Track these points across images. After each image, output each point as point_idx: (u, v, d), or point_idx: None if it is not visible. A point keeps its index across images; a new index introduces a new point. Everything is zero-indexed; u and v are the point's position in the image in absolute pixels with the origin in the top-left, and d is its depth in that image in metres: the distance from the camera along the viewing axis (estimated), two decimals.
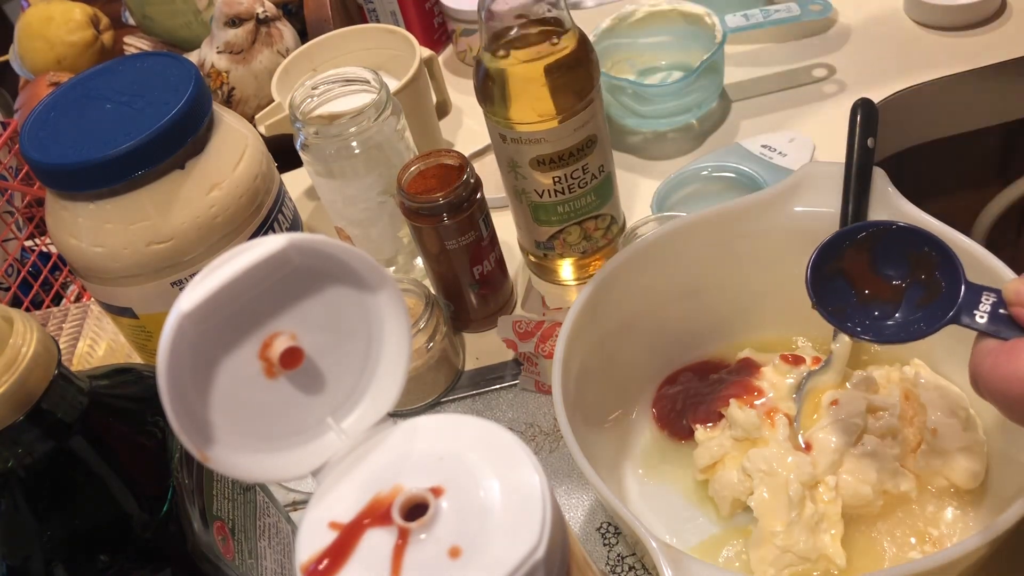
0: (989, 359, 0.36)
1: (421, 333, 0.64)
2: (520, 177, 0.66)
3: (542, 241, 0.70)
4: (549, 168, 0.64)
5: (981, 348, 0.37)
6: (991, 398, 0.36)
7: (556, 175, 0.65)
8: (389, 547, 0.27)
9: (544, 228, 0.69)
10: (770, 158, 0.75)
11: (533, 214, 0.68)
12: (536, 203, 0.67)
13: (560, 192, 0.66)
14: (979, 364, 0.37)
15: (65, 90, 0.59)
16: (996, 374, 0.35)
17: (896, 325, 0.42)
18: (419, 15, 0.97)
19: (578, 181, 0.65)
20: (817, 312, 0.44)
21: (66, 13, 1.06)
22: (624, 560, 0.56)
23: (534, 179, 0.65)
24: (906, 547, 0.49)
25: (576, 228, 0.69)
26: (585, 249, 0.70)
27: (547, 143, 0.63)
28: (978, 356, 0.37)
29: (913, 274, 0.42)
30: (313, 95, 0.69)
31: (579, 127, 0.63)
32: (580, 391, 0.52)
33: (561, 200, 0.66)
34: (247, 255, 0.28)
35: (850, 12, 0.88)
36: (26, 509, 0.38)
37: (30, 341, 0.36)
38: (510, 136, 0.63)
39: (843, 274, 0.44)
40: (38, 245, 0.86)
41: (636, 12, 0.84)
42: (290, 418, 0.31)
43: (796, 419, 0.52)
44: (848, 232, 0.44)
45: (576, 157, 0.64)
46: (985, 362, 0.36)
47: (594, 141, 0.64)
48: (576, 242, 0.69)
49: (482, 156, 0.84)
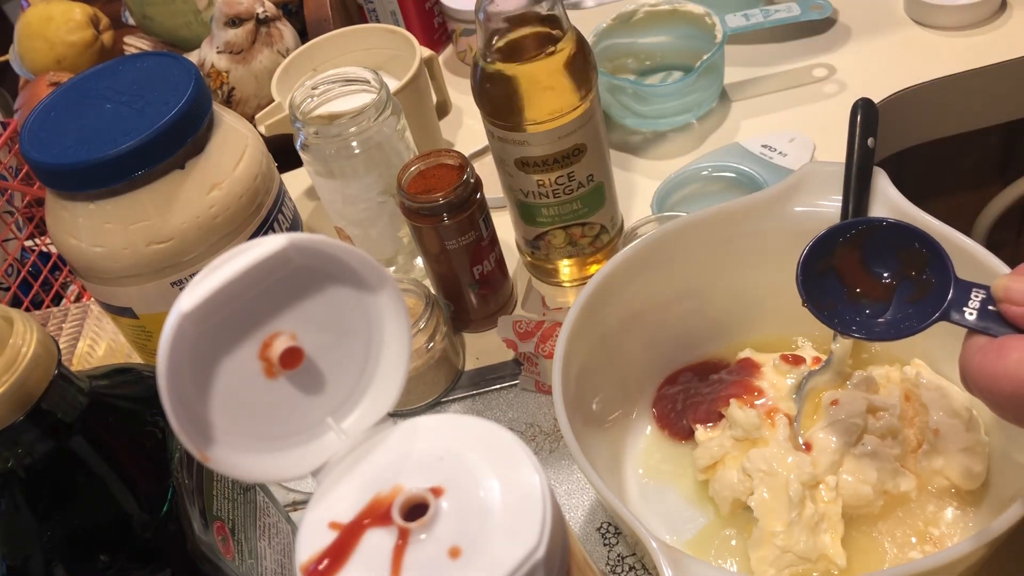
0: (978, 356, 0.36)
1: (421, 333, 0.64)
2: (507, 175, 0.66)
3: (530, 240, 0.70)
4: (532, 171, 0.64)
5: (971, 345, 0.37)
6: (980, 395, 0.36)
7: (539, 179, 0.65)
8: (389, 547, 0.27)
9: (530, 227, 0.69)
10: (770, 158, 0.75)
11: (520, 212, 0.69)
12: (522, 202, 0.67)
13: (544, 196, 0.66)
14: (968, 361, 0.37)
15: (65, 90, 0.59)
16: (984, 371, 0.35)
17: (887, 323, 0.42)
18: (419, 15, 0.97)
19: (563, 187, 0.65)
20: (807, 309, 0.44)
21: (66, 13, 1.06)
22: (624, 560, 0.56)
23: (519, 179, 0.65)
24: (906, 547, 0.49)
25: (561, 232, 0.69)
26: (571, 253, 0.70)
27: (530, 146, 0.63)
28: (968, 353, 0.37)
29: (903, 271, 0.42)
30: (313, 95, 0.69)
31: (564, 135, 0.62)
32: (580, 391, 0.52)
33: (545, 203, 0.66)
34: (247, 255, 0.28)
35: (850, 12, 0.88)
36: (26, 509, 0.38)
37: (30, 341, 0.36)
38: (496, 134, 0.64)
39: (834, 271, 0.44)
40: (38, 245, 0.86)
41: (636, 12, 0.84)
42: (290, 418, 0.31)
43: (796, 419, 0.52)
44: (838, 229, 0.44)
45: (561, 164, 0.64)
46: (974, 359, 0.36)
47: (582, 150, 0.64)
48: (561, 245, 0.70)
49: (482, 156, 0.84)
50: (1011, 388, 0.34)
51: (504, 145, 0.64)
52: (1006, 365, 0.35)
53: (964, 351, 0.37)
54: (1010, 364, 0.34)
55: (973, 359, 0.36)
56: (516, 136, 0.62)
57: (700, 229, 0.57)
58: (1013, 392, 0.34)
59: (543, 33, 0.60)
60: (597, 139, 0.65)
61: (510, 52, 0.61)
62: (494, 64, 0.61)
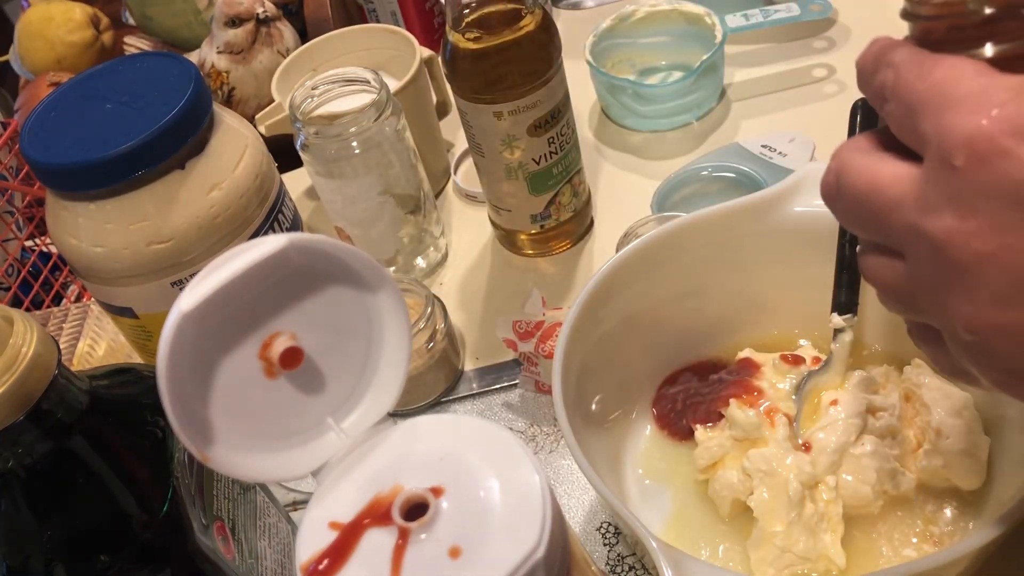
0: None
1: (421, 333, 0.64)
2: (511, 153, 0.68)
3: (540, 212, 0.72)
4: (545, 129, 0.67)
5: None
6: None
7: (550, 135, 0.68)
8: (389, 547, 0.27)
9: (542, 197, 0.71)
10: (770, 158, 0.75)
11: (531, 186, 0.70)
12: (533, 173, 0.69)
13: (554, 152, 0.69)
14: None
15: (65, 90, 0.59)
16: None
17: None
18: (419, 15, 0.97)
19: (566, 137, 0.69)
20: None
21: (66, 13, 1.06)
22: (624, 560, 0.56)
23: (532, 147, 0.68)
24: (906, 547, 0.49)
25: (567, 188, 0.72)
26: (575, 207, 0.73)
27: (542, 104, 0.66)
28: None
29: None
30: (313, 95, 0.69)
31: (560, 82, 0.66)
32: (580, 391, 0.52)
33: (555, 160, 0.69)
34: (247, 255, 0.28)
35: (850, 12, 0.88)
36: (26, 509, 0.38)
37: (30, 341, 0.36)
38: (507, 109, 0.65)
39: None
40: (38, 245, 0.86)
41: (636, 12, 0.84)
42: (290, 418, 0.31)
43: (796, 419, 0.52)
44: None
45: (562, 112, 0.68)
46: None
47: (567, 93, 0.68)
48: (568, 202, 0.73)
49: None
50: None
51: (515, 118, 0.66)
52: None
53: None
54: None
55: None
56: (530, 99, 0.65)
57: (700, 229, 0.57)
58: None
59: (506, 9, 0.63)
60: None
61: (475, 28, 0.64)
62: (465, 39, 0.63)
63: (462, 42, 0.63)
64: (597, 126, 0.86)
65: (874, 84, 0.35)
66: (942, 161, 0.30)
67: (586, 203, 0.75)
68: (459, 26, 0.63)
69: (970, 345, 0.31)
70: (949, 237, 0.30)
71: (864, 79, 0.36)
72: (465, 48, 0.64)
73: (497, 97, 0.64)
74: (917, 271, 0.32)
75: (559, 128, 0.68)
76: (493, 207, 0.74)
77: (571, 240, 0.76)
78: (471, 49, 0.63)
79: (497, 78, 0.64)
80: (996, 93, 0.29)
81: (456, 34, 0.64)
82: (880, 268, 0.34)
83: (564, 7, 1.01)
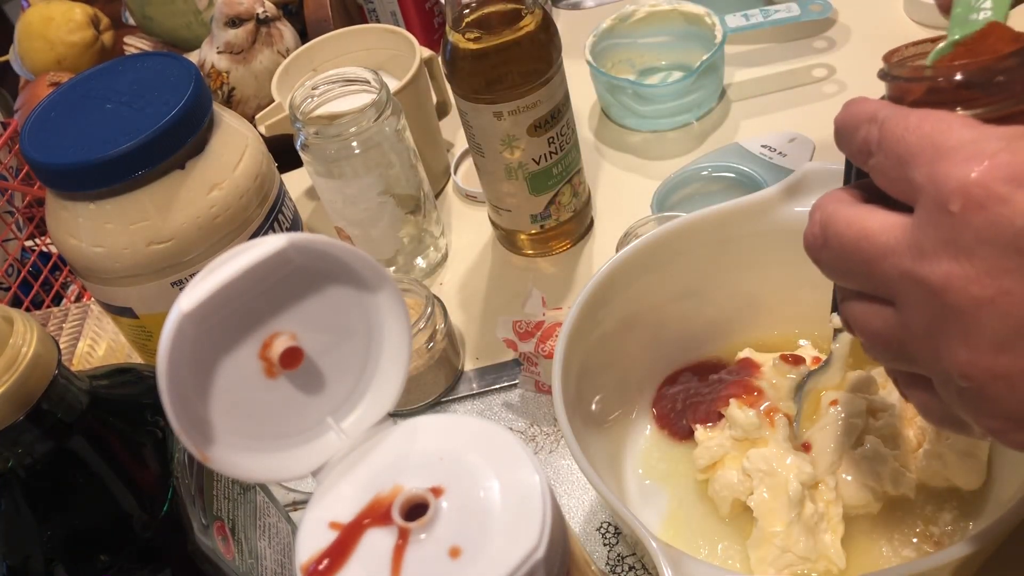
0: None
1: (421, 333, 0.64)
2: (511, 153, 0.68)
3: (540, 212, 0.72)
4: (544, 129, 0.67)
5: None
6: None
7: (550, 135, 0.67)
8: (389, 547, 0.27)
9: (542, 197, 0.71)
10: (770, 158, 0.75)
11: (531, 186, 0.70)
12: (534, 173, 0.69)
13: (554, 152, 0.69)
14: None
15: (65, 90, 0.59)
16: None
17: None
18: (419, 15, 0.97)
19: (566, 137, 0.68)
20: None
21: (66, 13, 1.06)
22: (624, 560, 0.56)
23: (531, 147, 0.67)
24: (906, 547, 0.49)
25: (567, 187, 0.72)
26: (575, 206, 0.73)
27: (542, 104, 0.65)
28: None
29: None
30: (313, 95, 0.69)
31: (560, 82, 0.66)
32: (580, 391, 0.52)
33: (555, 160, 0.69)
34: (247, 255, 0.28)
35: (850, 12, 0.88)
36: (26, 509, 0.38)
37: (30, 341, 0.36)
38: (507, 109, 0.65)
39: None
40: (38, 245, 0.86)
41: (636, 12, 0.84)
42: (290, 418, 0.31)
43: (796, 419, 0.52)
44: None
45: (562, 111, 0.67)
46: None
47: (567, 93, 0.68)
48: (568, 202, 0.72)
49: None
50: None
51: (515, 118, 0.65)
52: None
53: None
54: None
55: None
56: (530, 99, 0.65)
57: (700, 229, 0.57)
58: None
59: (507, 10, 0.63)
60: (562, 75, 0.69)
61: (476, 28, 0.64)
62: (465, 39, 0.63)
63: (462, 42, 0.63)
64: (597, 126, 0.86)
65: (856, 140, 0.35)
66: (938, 207, 0.30)
67: (586, 203, 0.75)
68: (459, 26, 0.63)
69: (965, 392, 0.31)
70: (946, 282, 0.29)
71: (845, 136, 0.36)
72: (465, 48, 0.64)
73: (497, 97, 0.65)
74: (909, 318, 0.32)
75: (559, 128, 0.68)
76: (493, 207, 0.74)
77: (571, 240, 0.76)
78: (471, 49, 0.63)
79: (497, 78, 0.64)
80: (988, 142, 0.29)
81: (456, 34, 0.64)
82: (868, 316, 0.34)
83: (564, 7, 1.02)
